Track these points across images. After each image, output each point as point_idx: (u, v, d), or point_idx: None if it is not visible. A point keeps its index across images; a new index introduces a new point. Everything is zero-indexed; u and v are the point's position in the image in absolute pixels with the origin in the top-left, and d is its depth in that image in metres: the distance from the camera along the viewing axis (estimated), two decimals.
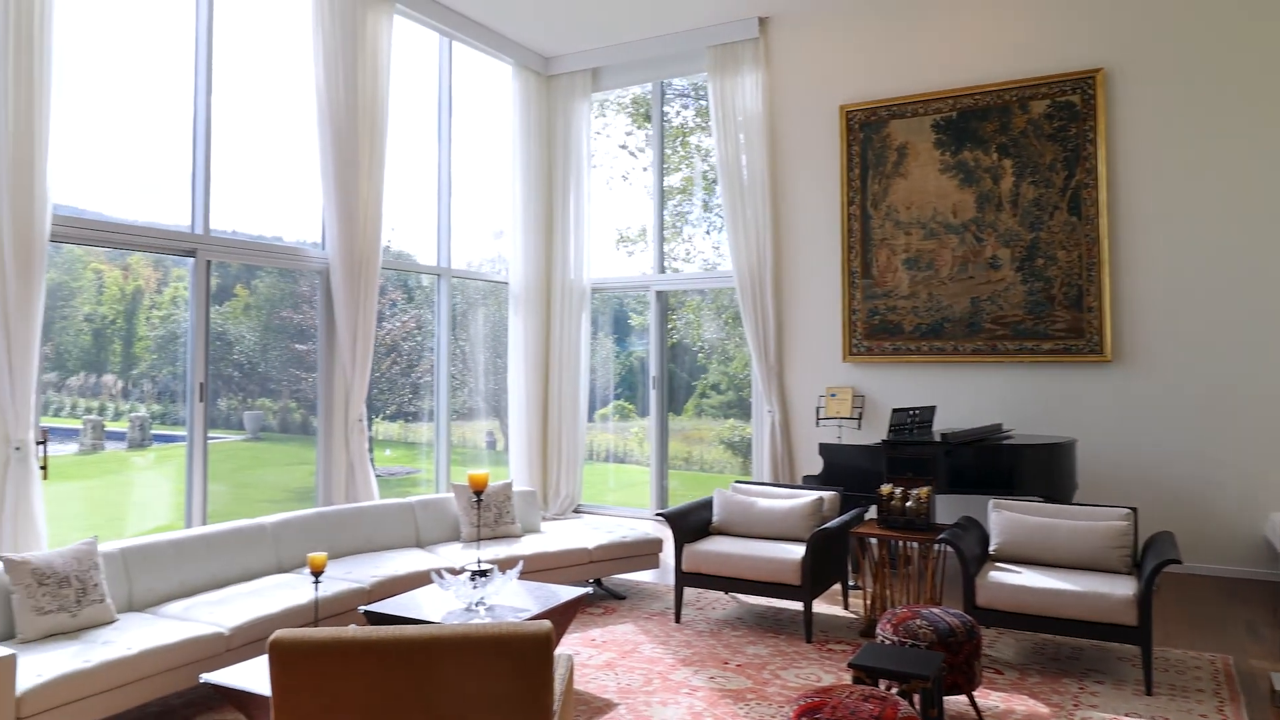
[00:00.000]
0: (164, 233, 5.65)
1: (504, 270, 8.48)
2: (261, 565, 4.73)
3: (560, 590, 4.37)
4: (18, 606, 3.62)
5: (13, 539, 4.39)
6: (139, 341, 7.69)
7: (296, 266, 6.42)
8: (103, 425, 7.62)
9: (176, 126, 5.79)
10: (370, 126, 6.44)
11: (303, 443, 7.84)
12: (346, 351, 6.26)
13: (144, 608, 4.16)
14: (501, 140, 8.41)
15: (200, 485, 5.59)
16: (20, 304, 4.52)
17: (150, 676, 3.58)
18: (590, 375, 8.53)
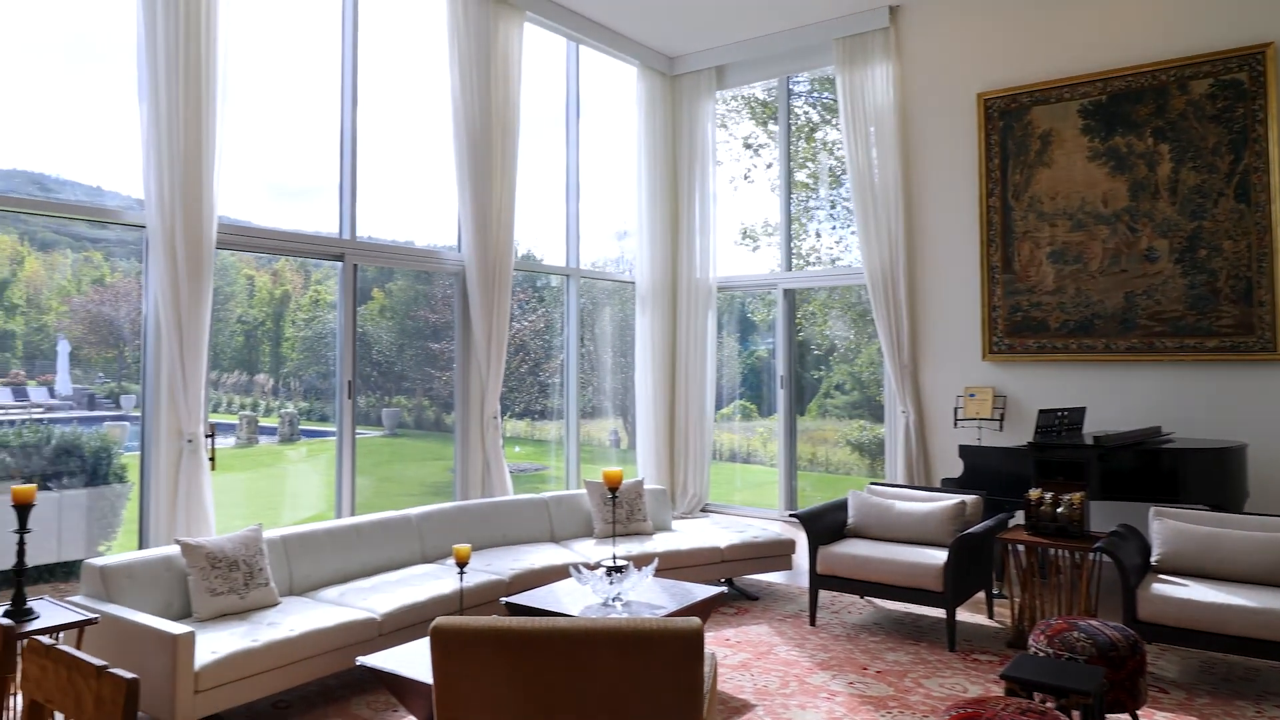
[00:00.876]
0: (314, 239, 5.95)
1: (629, 270, 8.55)
2: (407, 555, 4.92)
3: (695, 589, 4.36)
4: (193, 588, 3.88)
5: (185, 525, 4.72)
6: (285, 342, 8.16)
7: (435, 269, 6.66)
8: (256, 421, 8.13)
9: (325, 138, 6.10)
10: (502, 132, 6.62)
11: (437, 439, 8.13)
12: (481, 350, 6.45)
13: (303, 592, 4.40)
14: (626, 141, 8.48)
15: (349, 478, 5.86)
16: (191, 307, 4.86)
17: (310, 657, 3.78)
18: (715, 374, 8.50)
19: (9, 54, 4.99)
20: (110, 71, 5.43)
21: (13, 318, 6.74)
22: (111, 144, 5.28)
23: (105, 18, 5.30)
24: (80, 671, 1.63)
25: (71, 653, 1.67)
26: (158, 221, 4.79)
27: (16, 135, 4.99)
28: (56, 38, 5.26)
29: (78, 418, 6.35)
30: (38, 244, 6.69)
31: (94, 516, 5.05)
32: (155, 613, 3.73)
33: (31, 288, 6.57)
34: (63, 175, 5.36)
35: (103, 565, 3.76)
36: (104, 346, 6.78)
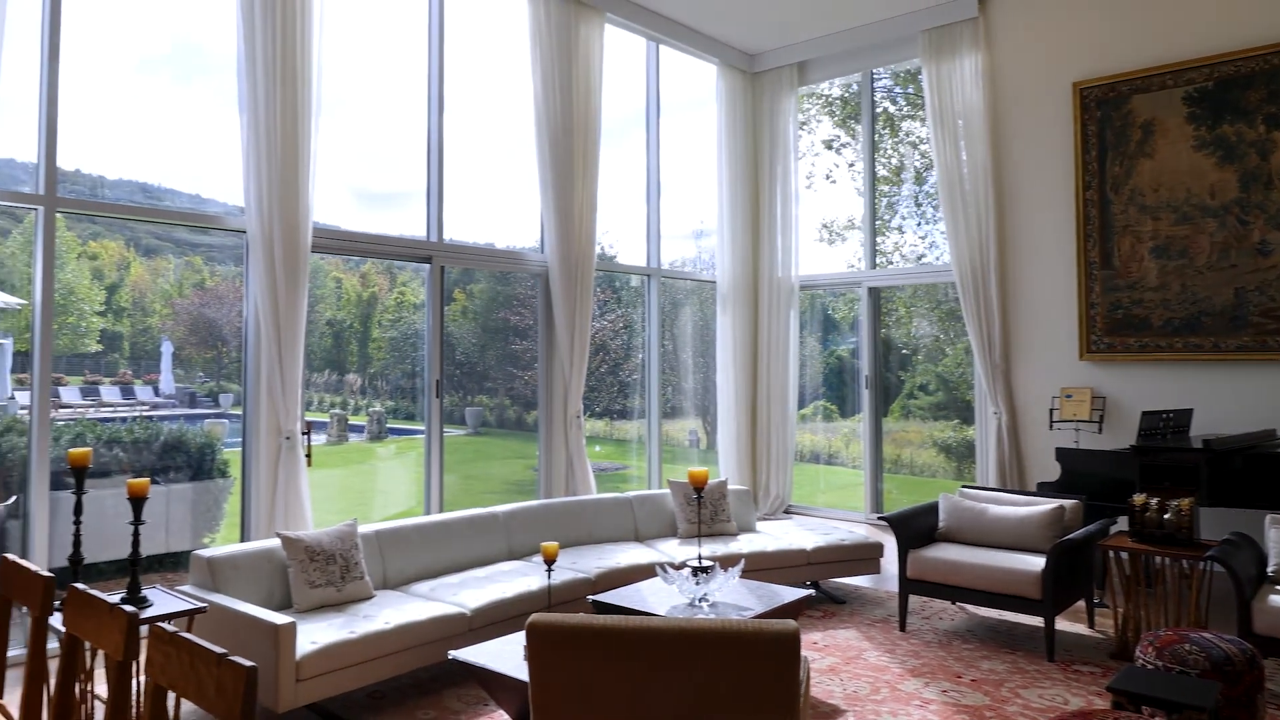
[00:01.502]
0: (403, 242, 6.09)
1: (709, 269, 8.52)
2: (494, 552, 4.99)
3: (782, 591, 4.31)
4: (293, 580, 4.01)
5: (284, 519, 4.89)
6: (372, 343, 8.39)
7: (518, 270, 6.75)
8: (346, 419, 8.38)
9: (411, 143, 6.24)
10: (584, 133, 6.66)
11: (518, 437, 8.24)
12: (564, 351, 6.50)
13: (395, 586, 4.50)
14: (704, 140, 8.44)
15: (437, 475, 5.98)
16: (288, 309, 5.02)
17: (404, 650, 3.86)
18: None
19: (119, 70, 5.25)
20: (210, 86, 5.67)
21: (120, 320, 7.09)
22: (212, 154, 5.51)
23: (206, 35, 5.53)
24: (201, 658, 1.70)
25: (193, 640, 1.73)
26: (257, 227, 4.96)
27: (125, 147, 5.24)
28: (161, 55, 5.52)
29: (180, 415, 6.65)
30: (142, 250, 7.03)
31: (199, 510, 5.28)
32: (258, 603, 3.86)
33: (137, 291, 6.90)
34: (164, 184, 5.62)
35: (210, 556, 3.92)
36: (204, 347, 7.08)
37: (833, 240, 8.71)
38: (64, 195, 4.61)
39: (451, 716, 3.80)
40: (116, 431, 5.17)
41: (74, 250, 6.27)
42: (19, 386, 5.91)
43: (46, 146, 4.53)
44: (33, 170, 4.62)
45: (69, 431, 5.15)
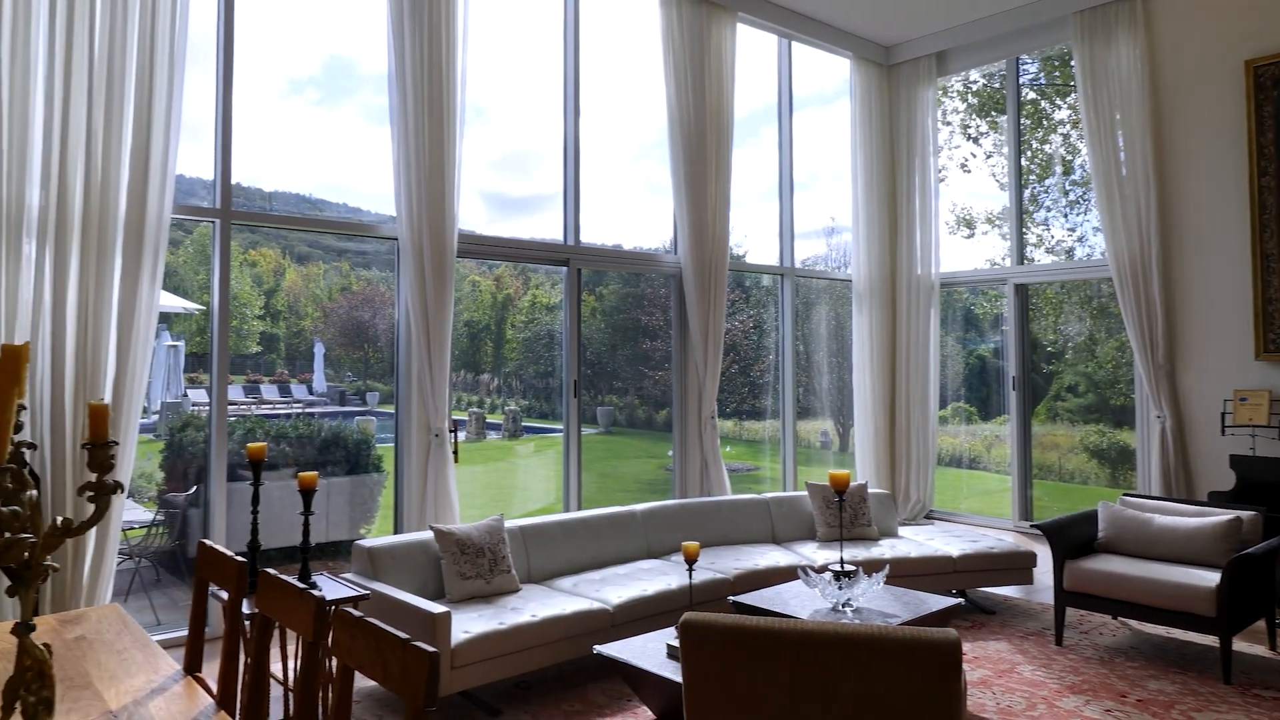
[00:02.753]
0: (542, 245, 6.25)
1: (841, 266, 8.35)
2: (633, 550, 5.05)
3: (929, 598, 4.17)
4: (446, 571, 4.18)
5: (434, 512, 5.11)
6: (507, 344, 8.65)
7: (652, 271, 6.80)
8: (484, 417, 8.67)
9: (544, 149, 6.40)
10: (716, 133, 6.66)
11: (649, 437, 8.31)
12: (698, 351, 6.51)
13: (540, 580, 4.62)
14: (835, 135, 8.28)
15: (576, 473, 6.11)
16: (437, 311, 5.24)
17: (550, 643, 3.96)
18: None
19: (273, 90, 5.61)
20: (358, 101, 5.99)
21: (277, 323, 7.59)
22: (359, 165, 5.82)
23: (355, 53, 5.84)
24: (386, 642, 1.79)
25: (378, 625, 1.83)
26: (407, 234, 5.20)
27: (281, 161, 5.58)
28: (310, 75, 5.87)
29: (331, 412, 7.06)
30: (296, 257, 7.49)
31: (356, 502, 5.58)
32: (414, 592, 4.05)
33: (291, 296, 7.36)
34: (314, 194, 5.97)
35: (370, 547, 4.14)
36: (352, 348, 7.49)
37: (971, 235, 8.38)
38: (236, 209, 4.97)
39: (595, 710, 3.87)
40: (282, 428, 5.54)
41: (236, 258, 6.74)
42: (190, 385, 6.42)
43: (222, 164, 4.89)
44: (209, 186, 5.00)
45: (239, 427, 5.55)
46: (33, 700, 1.47)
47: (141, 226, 4.31)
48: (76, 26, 4.13)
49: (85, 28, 4.16)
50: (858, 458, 7.95)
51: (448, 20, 5.29)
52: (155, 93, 4.34)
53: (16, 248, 4.02)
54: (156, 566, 5.29)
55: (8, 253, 4.00)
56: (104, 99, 4.20)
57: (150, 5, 4.34)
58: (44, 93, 4.08)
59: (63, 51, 4.10)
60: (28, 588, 1.49)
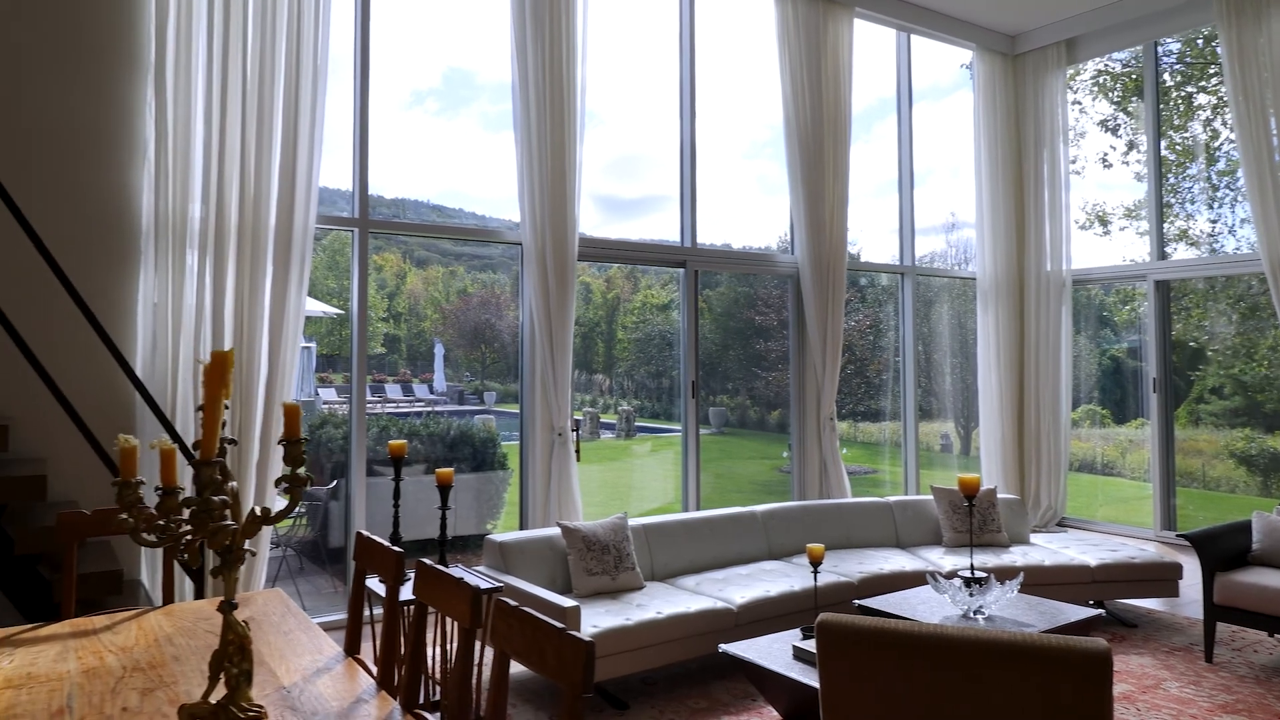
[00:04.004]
0: (660, 247, 6.32)
1: (961, 264, 8.10)
2: (754, 550, 5.06)
3: (1066, 608, 4.02)
4: (572, 567, 4.29)
5: (558, 509, 5.25)
6: (618, 344, 8.76)
7: (768, 271, 6.78)
8: (598, 417, 8.81)
9: (657, 151, 6.46)
10: (833, 131, 6.58)
11: (760, 438, 8.27)
12: (816, 352, 6.46)
13: (663, 578, 4.69)
14: (954, 128, 8.05)
15: (694, 473, 6.15)
16: (559, 313, 5.38)
17: (675, 640, 4.01)
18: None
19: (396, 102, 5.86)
20: (476, 110, 6.20)
21: (399, 325, 7.92)
22: (476, 171, 6.03)
23: (473, 64, 6.05)
24: (542, 631, 1.87)
25: (534, 614, 1.92)
26: (531, 239, 5.35)
27: (404, 169, 5.80)
28: (431, 87, 6.11)
29: (451, 411, 7.32)
30: (415, 261, 7.80)
31: (483, 498, 5.79)
32: (543, 586, 4.17)
33: (412, 299, 7.67)
34: (432, 200, 6.21)
35: (501, 541, 4.29)
36: (469, 348, 7.74)
37: (1106, 231, 8.00)
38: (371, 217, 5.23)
39: (720, 708, 3.90)
40: (414, 426, 5.80)
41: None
42: (321, 385, 6.78)
43: (360, 176, 5.16)
44: (343, 195, 5.28)
45: (372, 425, 5.83)
46: (235, 672, 1.61)
47: (289, 236, 4.59)
48: (231, 54, 4.45)
49: (239, 55, 4.47)
50: (983, 461, 7.70)
51: (568, 31, 5.43)
52: (300, 112, 4.63)
53: (181, 258, 4.36)
54: (300, 555, 5.63)
55: (173, 263, 4.34)
56: (255, 119, 4.50)
57: (295, 32, 4.62)
58: (203, 116, 4.41)
59: (219, 78, 4.42)
60: (231, 570, 1.64)
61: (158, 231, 4.32)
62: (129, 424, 4.30)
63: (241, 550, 1.63)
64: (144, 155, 4.38)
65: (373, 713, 2.07)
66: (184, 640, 2.50)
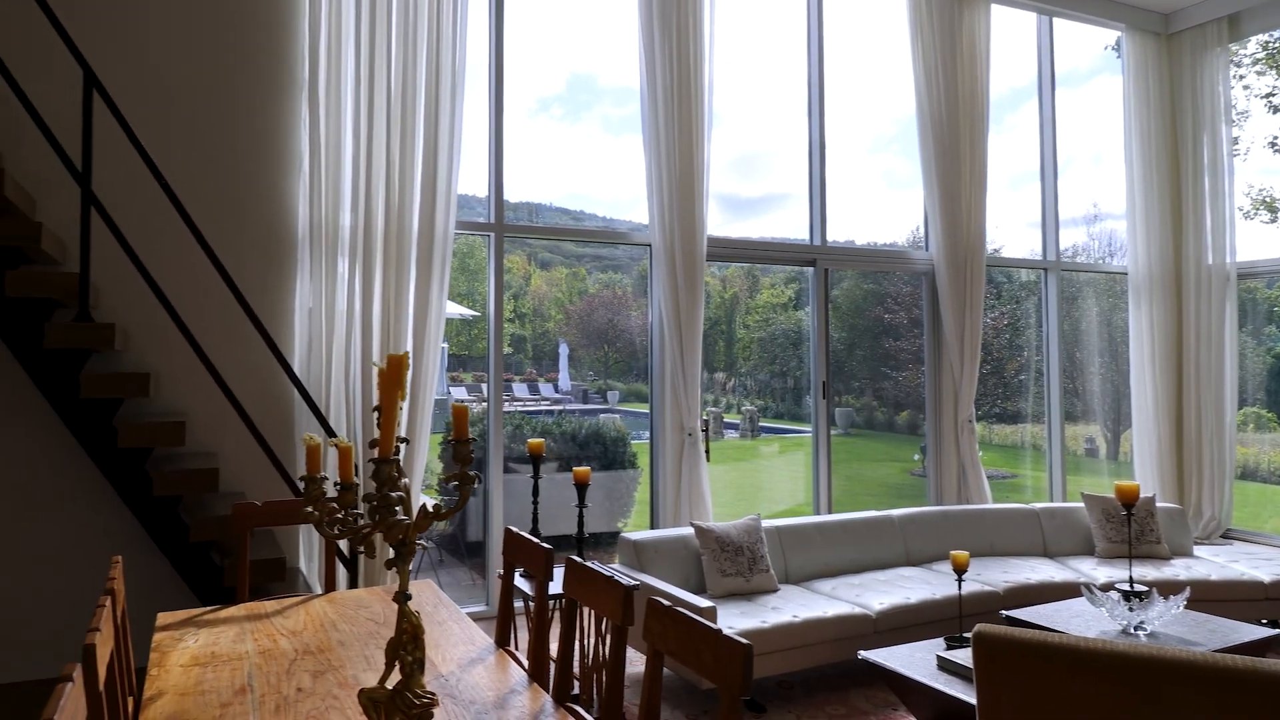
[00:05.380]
0: (788, 246, 6.24)
1: (1109, 257, 7.64)
2: (891, 556, 4.93)
3: (1238, 626, 3.73)
4: (706, 567, 4.29)
5: (688, 509, 5.26)
6: (737, 343, 8.69)
7: (901, 269, 6.59)
8: (721, 417, 8.76)
9: (780, 148, 6.37)
10: (970, 122, 6.33)
11: (888, 440, 8.03)
12: (953, 351, 6.23)
13: (796, 582, 4.63)
14: (1095, 115, 7.59)
15: (825, 475, 6.05)
16: (688, 314, 5.39)
17: (810, 645, 3.95)
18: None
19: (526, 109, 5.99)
20: (599, 114, 6.27)
21: (524, 325, 8.11)
22: (600, 173, 6.09)
23: (597, 68, 6.12)
24: (698, 632, 1.87)
25: (688, 615, 1.92)
26: (660, 240, 5.38)
27: (533, 173, 5.91)
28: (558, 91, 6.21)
29: (576, 410, 7.43)
30: (540, 263, 7.96)
31: (614, 496, 5.86)
32: (676, 585, 4.19)
33: (536, 299, 7.84)
34: (555, 203, 6.30)
35: (636, 540, 4.33)
36: (592, 348, 7.84)
37: (1274, 218, 7.38)
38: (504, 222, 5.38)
39: (859, 715, 3.81)
40: (546, 424, 5.93)
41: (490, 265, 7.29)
42: (452, 384, 7.01)
43: (495, 183, 5.31)
44: (478, 201, 5.45)
45: (506, 423, 6.00)
46: (409, 659, 1.69)
47: (431, 242, 4.78)
48: (376, 70, 4.67)
49: (384, 71, 4.68)
50: (1136, 467, 7.23)
51: (695, 32, 5.43)
52: (440, 124, 4.81)
53: (333, 265, 4.61)
54: (440, 549, 5.85)
55: (326, 270, 4.58)
56: (399, 131, 4.71)
57: (435, 48, 4.80)
58: (352, 130, 4.65)
59: (366, 93, 4.65)
60: (405, 562, 1.72)
61: (312, 240, 4.58)
62: (288, 421, 4.58)
63: (414, 544, 1.70)
64: (300, 168, 4.65)
65: (526, 704, 2.12)
66: (347, 626, 2.63)
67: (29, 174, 4.12)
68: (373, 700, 1.68)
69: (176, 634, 2.56)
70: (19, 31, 4.10)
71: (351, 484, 1.78)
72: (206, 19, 4.51)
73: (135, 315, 4.26)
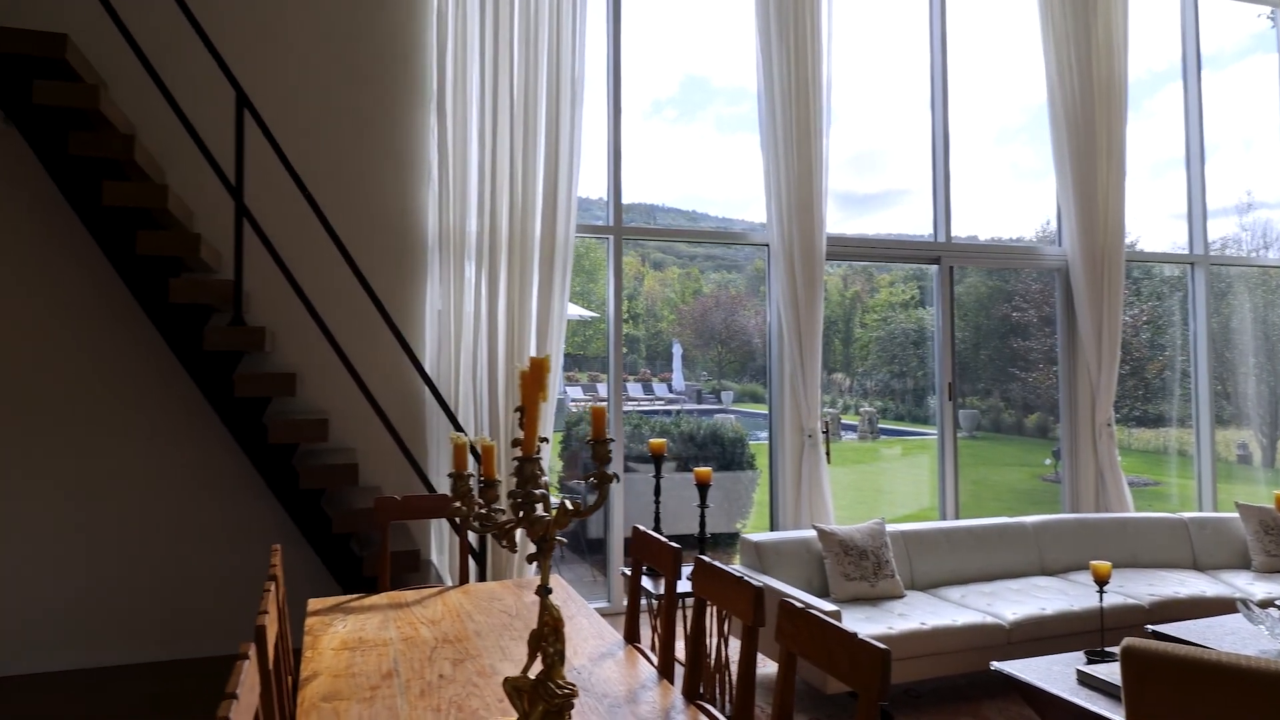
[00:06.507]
0: (910, 243, 6.08)
1: (1263, 249, 7.10)
2: (1024, 564, 4.73)
3: None
4: (829, 570, 4.23)
5: (808, 512, 5.19)
6: (855, 342, 8.49)
7: (1031, 265, 6.32)
8: (839, 418, 8.60)
9: (896, 144, 6.19)
10: (1106, 108, 6.01)
11: (1017, 443, 7.69)
12: (1090, 351, 5.93)
13: (923, 588, 4.50)
14: (1251, 97, 7.05)
15: (952, 479, 5.86)
16: (807, 314, 5.32)
17: (939, 653, 3.84)
18: None
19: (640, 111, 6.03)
20: (710, 115, 6.25)
21: (637, 325, 8.17)
22: (711, 173, 6.07)
23: (710, 70, 6.10)
24: (833, 635, 1.85)
25: (822, 617, 1.91)
26: (778, 239, 5.34)
27: (646, 174, 5.92)
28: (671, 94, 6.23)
29: (690, 410, 7.44)
30: (651, 263, 8.00)
31: (732, 496, 5.85)
32: (799, 587, 4.15)
33: (649, 300, 7.88)
34: (668, 204, 6.31)
35: (757, 541, 4.31)
36: (705, 348, 7.83)
37: None
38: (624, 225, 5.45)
39: None
40: (665, 424, 5.97)
41: (603, 267, 7.39)
42: (568, 383, 7.13)
43: (614, 186, 5.39)
44: (594, 204, 5.53)
45: (624, 423, 6.06)
46: (551, 651, 1.74)
47: (553, 246, 4.89)
48: (500, 79, 4.81)
49: (506, 80, 4.82)
50: None
51: (812, 29, 5.36)
52: (560, 130, 4.92)
53: (460, 269, 4.78)
54: (561, 546, 5.96)
55: (454, 274, 4.76)
56: (521, 138, 4.84)
57: (555, 56, 4.91)
58: (477, 138, 4.81)
59: (490, 102, 4.80)
60: (546, 557, 1.77)
61: (441, 245, 4.76)
62: (418, 418, 4.78)
63: (554, 540, 1.75)
64: (429, 177, 4.85)
65: (656, 699, 2.15)
66: (482, 617, 2.73)
67: (187, 188, 4.45)
68: (516, 689, 1.74)
69: (326, 619, 2.71)
70: (174, 59, 4.43)
71: (494, 480, 1.85)
72: (342, 39, 4.76)
73: (279, 318, 4.54)
